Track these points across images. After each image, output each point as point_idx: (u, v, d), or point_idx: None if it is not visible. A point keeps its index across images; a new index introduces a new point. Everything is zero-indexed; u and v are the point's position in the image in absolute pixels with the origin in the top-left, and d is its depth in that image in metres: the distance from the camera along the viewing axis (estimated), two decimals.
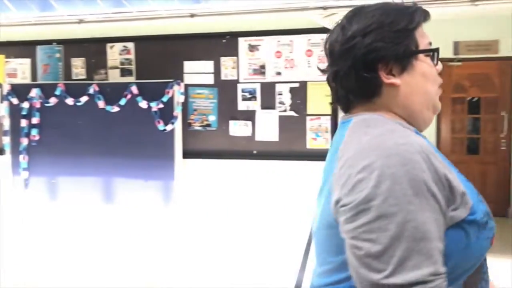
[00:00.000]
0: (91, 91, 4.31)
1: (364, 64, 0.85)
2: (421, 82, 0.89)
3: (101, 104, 4.29)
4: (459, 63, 5.81)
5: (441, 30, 5.79)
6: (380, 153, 0.75)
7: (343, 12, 3.11)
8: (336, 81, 0.91)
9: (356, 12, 0.91)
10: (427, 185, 0.73)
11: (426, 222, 0.71)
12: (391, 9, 0.88)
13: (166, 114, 4.19)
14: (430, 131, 5.94)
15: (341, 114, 3.71)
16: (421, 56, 0.89)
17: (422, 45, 0.90)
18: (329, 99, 3.99)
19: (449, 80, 5.91)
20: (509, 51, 5.64)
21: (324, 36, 3.69)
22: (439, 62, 0.93)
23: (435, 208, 0.73)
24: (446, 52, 5.85)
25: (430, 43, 0.93)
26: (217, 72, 4.30)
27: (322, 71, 1.00)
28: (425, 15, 0.92)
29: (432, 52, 0.91)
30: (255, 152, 4.22)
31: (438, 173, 0.75)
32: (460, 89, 5.91)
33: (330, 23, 3.29)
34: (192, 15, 3.19)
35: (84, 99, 4.33)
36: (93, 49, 4.61)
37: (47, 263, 4.13)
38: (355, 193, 0.74)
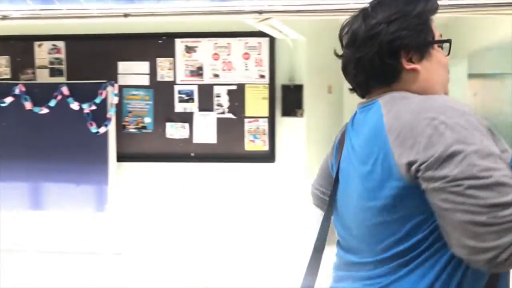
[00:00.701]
0: (16, 91, 4.06)
1: (388, 51, 0.91)
2: (437, 68, 0.96)
3: (28, 105, 4.05)
4: None
5: None
6: (437, 110, 0.79)
7: (279, 17, 3.15)
8: (358, 67, 0.96)
9: (380, 2, 0.95)
10: (485, 128, 0.79)
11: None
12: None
13: (99, 116, 4.04)
14: None
15: (278, 116, 3.76)
16: (435, 46, 0.96)
17: (436, 36, 0.97)
18: (266, 102, 4.06)
19: None
20: None
21: (261, 39, 3.70)
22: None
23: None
24: None
25: (441, 35, 0.99)
26: (153, 73, 4.22)
27: (338, 56, 1.06)
28: (437, 6, 0.98)
29: (446, 43, 0.99)
30: (192, 154, 4.18)
31: (483, 125, 0.80)
32: None
33: (265, 27, 3.34)
34: (125, 15, 3.10)
35: (8, 99, 4.07)
36: (18, 47, 4.34)
37: None
38: (432, 146, 0.76)
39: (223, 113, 4.14)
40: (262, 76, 4.08)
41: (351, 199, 0.95)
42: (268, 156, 4.10)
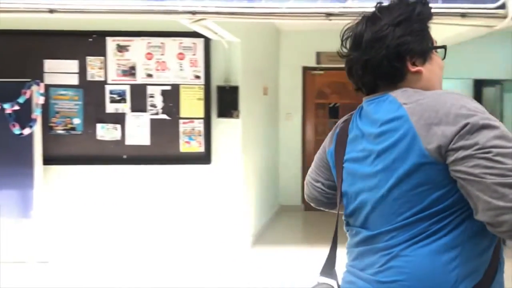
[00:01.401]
0: None
1: (395, 55, 1.00)
2: (436, 70, 1.06)
3: None
4: (322, 72, 6.34)
5: (306, 41, 6.29)
6: (455, 97, 0.92)
7: (213, 18, 3.13)
8: (366, 68, 1.04)
9: (384, 8, 1.05)
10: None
11: None
12: (416, 5, 1.04)
13: (23, 117, 3.80)
14: (297, 134, 6.36)
15: (214, 117, 3.74)
16: (434, 50, 1.07)
17: (434, 42, 1.08)
18: (202, 103, 4.04)
19: (313, 87, 6.41)
20: None
21: (196, 40, 3.66)
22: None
23: None
24: (310, 61, 6.34)
25: (436, 41, 1.08)
26: (82, 72, 4.05)
27: (342, 56, 1.11)
28: (432, 12, 1.07)
29: (442, 48, 1.08)
30: (125, 157, 4.06)
31: None
32: (323, 95, 6.44)
33: (199, 28, 3.32)
34: (51, 11, 2.94)
35: None
36: None
37: None
38: (460, 121, 0.87)
39: (157, 114, 4.06)
40: (197, 77, 4.05)
41: (369, 179, 1.02)
42: (203, 158, 4.08)
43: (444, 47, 1.08)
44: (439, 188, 0.91)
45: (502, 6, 3.04)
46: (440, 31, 3.94)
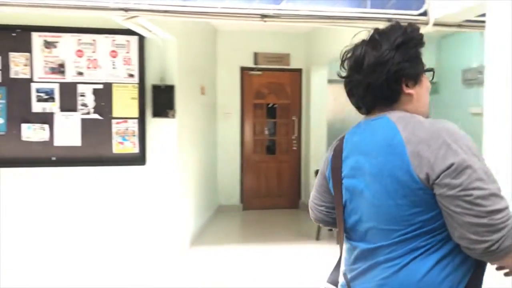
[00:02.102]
0: None
1: (394, 79, 1.12)
2: (425, 92, 1.18)
3: None
4: (259, 73, 6.41)
5: (243, 42, 6.34)
6: (448, 132, 1.02)
7: (146, 16, 3.06)
8: (368, 90, 1.15)
9: (381, 32, 1.16)
10: (475, 147, 1.02)
11: None
12: (410, 32, 1.15)
13: None
14: (235, 134, 6.38)
15: (149, 117, 3.66)
16: (423, 74, 1.18)
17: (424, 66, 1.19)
18: (136, 103, 3.94)
19: (251, 87, 6.46)
20: (298, 63, 6.47)
21: (130, 37, 3.57)
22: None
23: None
24: (248, 61, 6.38)
25: (425, 65, 1.19)
26: (5, 69, 3.79)
27: (342, 77, 1.22)
28: (424, 41, 1.18)
29: (430, 71, 1.21)
30: (54, 158, 3.86)
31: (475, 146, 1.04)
32: (260, 95, 6.51)
33: (133, 25, 3.23)
34: None
35: None
36: None
37: None
38: (449, 159, 0.98)
39: (88, 113, 3.90)
40: (131, 76, 3.94)
41: (367, 198, 1.12)
42: (138, 159, 3.98)
43: (432, 69, 1.21)
44: (431, 210, 1.03)
45: (424, 13, 3.25)
46: (364, 36, 4.13)
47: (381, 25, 1.20)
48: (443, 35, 6.48)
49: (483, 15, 2.70)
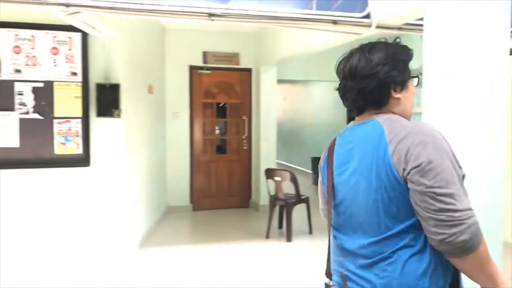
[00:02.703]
0: None
1: (384, 85, 1.26)
2: (410, 96, 1.33)
3: None
4: (208, 72, 6.36)
5: (192, 40, 6.27)
6: (426, 133, 1.14)
7: (89, 12, 2.94)
8: (360, 95, 1.28)
9: (373, 46, 1.30)
10: (452, 152, 1.14)
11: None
12: (397, 47, 1.31)
13: None
14: (184, 133, 6.31)
15: (93, 117, 3.53)
16: (410, 80, 1.32)
17: (410, 73, 1.33)
18: (79, 102, 3.79)
19: (200, 87, 6.40)
20: (247, 63, 6.49)
21: (72, 34, 3.43)
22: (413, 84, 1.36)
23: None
24: (197, 60, 6.32)
25: (411, 71, 1.33)
26: None
27: (338, 89, 1.36)
28: (412, 55, 1.33)
29: (416, 78, 1.35)
30: None
31: (449, 146, 1.16)
32: (210, 95, 6.47)
33: (75, 21, 3.11)
34: None
35: None
36: None
37: None
38: (421, 157, 1.10)
39: (27, 113, 3.70)
40: (74, 74, 3.79)
41: (357, 194, 1.24)
42: (82, 160, 3.83)
43: (417, 76, 1.36)
44: (412, 206, 1.14)
45: (368, 16, 3.35)
46: (316, 36, 4.21)
47: (327, 27, 1.26)
48: (387, 37, 6.73)
49: (422, 18, 2.82)
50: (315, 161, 8.72)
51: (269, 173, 5.13)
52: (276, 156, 6.75)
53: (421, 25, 2.87)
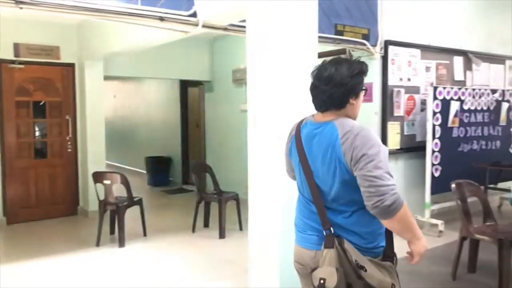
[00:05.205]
0: None
1: (348, 93, 1.69)
2: (359, 103, 1.76)
3: None
4: (21, 66, 5.63)
5: (1, 30, 5.45)
6: (364, 135, 1.60)
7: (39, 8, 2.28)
8: (329, 98, 1.69)
9: (343, 61, 1.72)
10: (382, 145, 1.64)
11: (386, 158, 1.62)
12: (360, 63, 1.73)
13: None
14: None
15: None
16: (361, 91, 1.76)
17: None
18: None
19: (12, 83, 5.63)
20: (69, 57, 5.95)
21: None
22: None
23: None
24: (7, 53, 5.54)
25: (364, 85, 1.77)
26: None
27: (311, 90, 1.77)
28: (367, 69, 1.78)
29: (365, 91, 1.77)
30: None
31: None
32: (24, 92, 5.74)
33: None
34: None
35: None
36: None
37: None
38: (359, 150, 1.57)
39: None
40: None
41: (321, 176, 1.70)
42: None
43: (366, 89, 1.77)
44: (358, 187, 1.60)
45: (194, 15, 3.38)
46: (145, 32, 4.08)
47: (154, 23, 1.18)
48: (215, 37, 6.93)
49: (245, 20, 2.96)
50: (150, 161, 8.49)
51: (97, 176, 4.80)
52: (107, 157, 6.37)
53: (245, 26, 3.00)
